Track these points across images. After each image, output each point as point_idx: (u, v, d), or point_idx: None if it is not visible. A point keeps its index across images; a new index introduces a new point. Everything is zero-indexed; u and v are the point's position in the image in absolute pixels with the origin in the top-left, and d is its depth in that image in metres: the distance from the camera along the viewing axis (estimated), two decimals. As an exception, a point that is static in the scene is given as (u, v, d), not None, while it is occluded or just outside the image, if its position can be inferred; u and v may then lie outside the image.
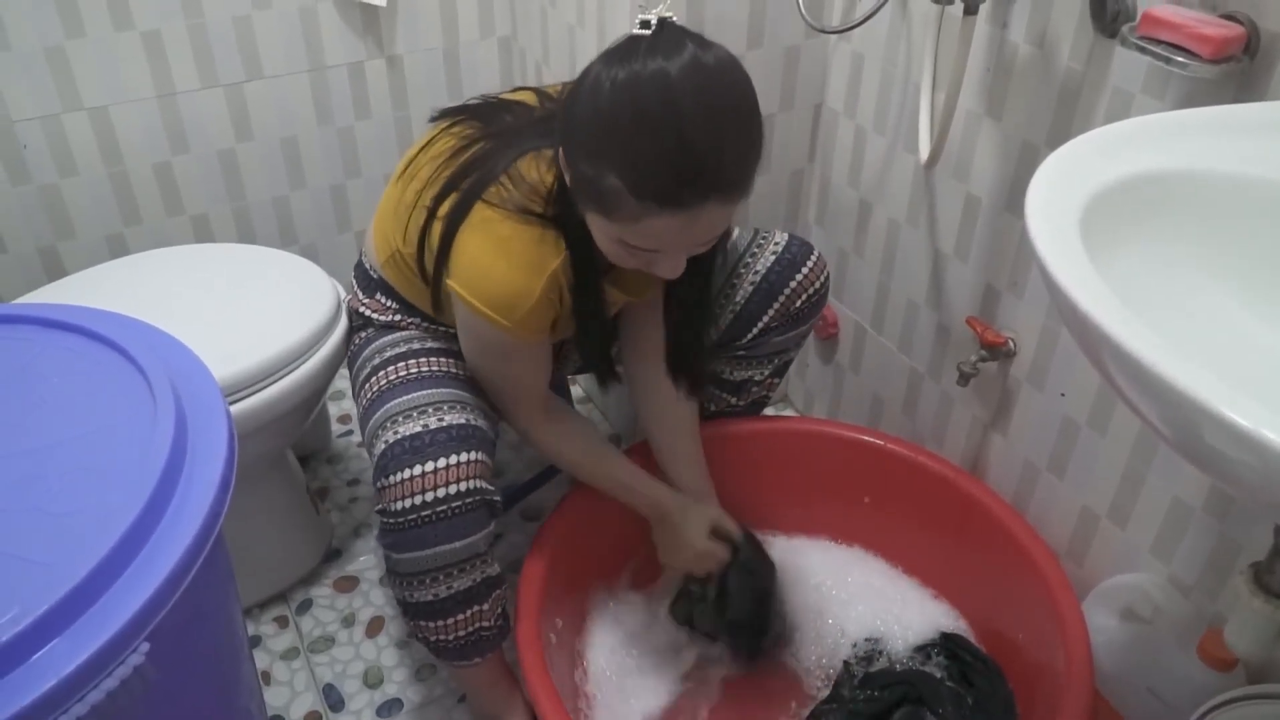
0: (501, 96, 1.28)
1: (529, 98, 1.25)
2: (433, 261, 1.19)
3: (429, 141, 1.24)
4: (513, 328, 1.14)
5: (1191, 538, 1.18)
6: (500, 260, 1.12)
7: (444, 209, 1.16)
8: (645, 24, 0.98)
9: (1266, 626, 0.92)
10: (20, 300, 1.47)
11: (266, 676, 1.49)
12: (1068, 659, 1.21)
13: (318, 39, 1.78)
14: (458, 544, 1.16)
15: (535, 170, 1.13)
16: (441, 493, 1.13)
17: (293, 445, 1.64)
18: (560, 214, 1.12)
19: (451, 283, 1.15)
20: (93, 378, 0.94)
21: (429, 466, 1.13)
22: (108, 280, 1.52)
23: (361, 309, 1.36)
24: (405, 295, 1.31)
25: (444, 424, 1.17)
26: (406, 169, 1.25)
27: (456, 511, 1.14)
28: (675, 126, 0.95)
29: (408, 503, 1.13)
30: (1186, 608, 1.20)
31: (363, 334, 1.35)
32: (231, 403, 1.31)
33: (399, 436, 1.16)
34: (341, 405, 1.99)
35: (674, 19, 0.99)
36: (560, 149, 1.05)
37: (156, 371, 0.91)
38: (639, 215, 0.99)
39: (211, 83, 1.74)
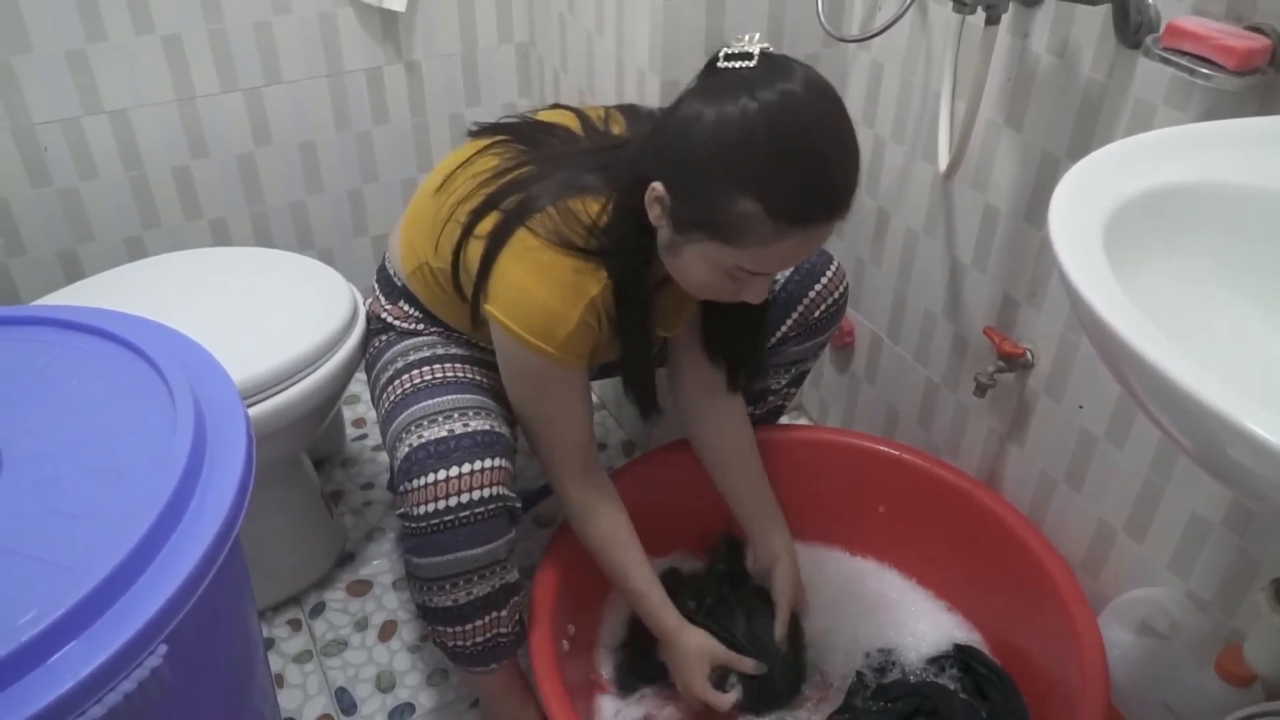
0: (541, 116, 1.28)
1: (570, 120, 1.25)
2: (471, 282, 1.18)
3: (469, 159, 1.23)
4: (552, 352, 1.14)
5: (1210, 553, 1.17)
6: (539, 286, 1.12)
7: (483, 227, 1.15)
8: (740, 55, 1.00)
9: (1287, 643, 0.91)
10: (39, 302, 1.48)
11: (280, 679, 1.49)
12: (1082, 673, 1.21)
13: (336, 44, 1.79)
14: (479, 550, 1.16)
15: (583, 207, 1.13)
16: (466, 498, 1.13)
17: (307, 449, 1.64)
18: (605, 248, 1.12)
19: (489, 308, 1.15)
20: (112, 380, 0.94)
21: (454, 471, 1.13)
22: (126, 283, 1.52)
23: (383, 314, 1.36)
24: (430, 306, 1.31)
25: (469, 429, 1.17)
26: (444, 183, 1.24)
27: (480, 517, 1.14)
28: (812, 149, 0.98)
29: (431, 507, 1.13)
30: (1204, 623, 1.19)
31: (382, 338, 1.36)
32: (250, 405, 1.32)
33: (423, 440, 1.16)
34: (356, 409, 1.99)
35: (769, 47, 1.01)
36: (654, 185, 1.04)
37: (175, 374, 0.91)
38: (772, 239, 1.01)
39: (231, 87, 1.75)
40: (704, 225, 1.03)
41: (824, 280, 1.40)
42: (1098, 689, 1.19)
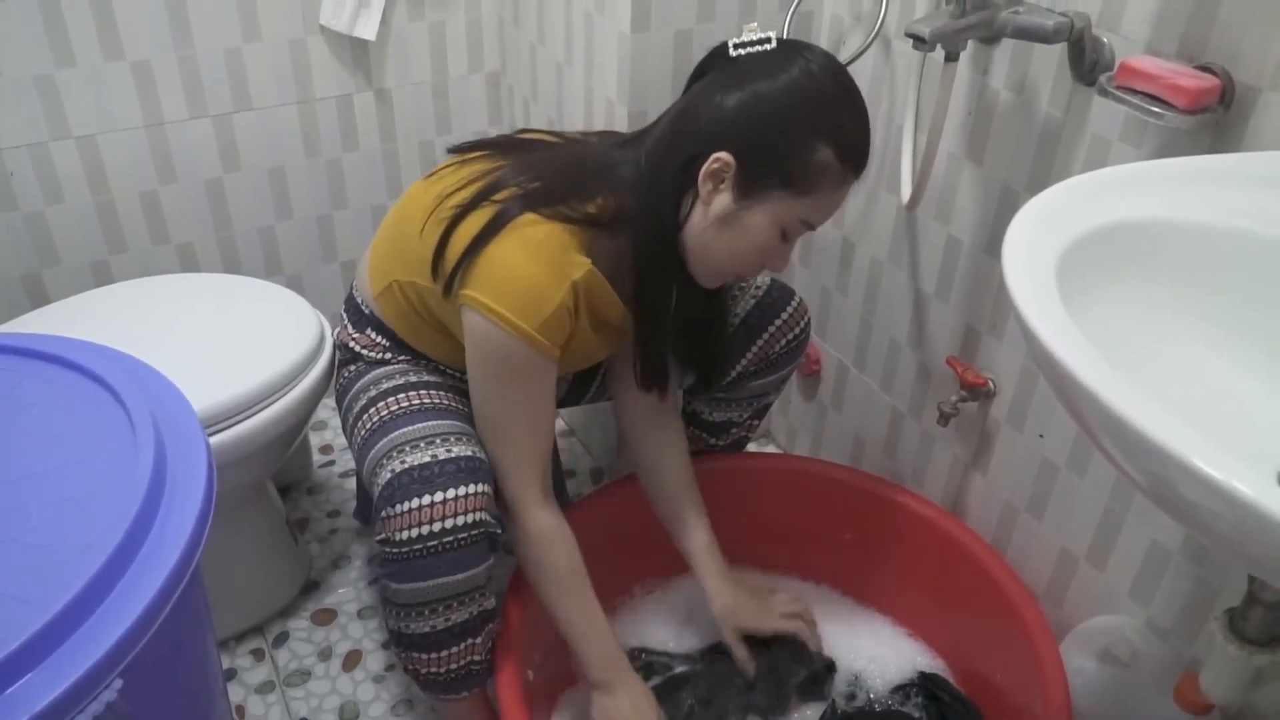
0: (521, 136, 1.29)
1: (548, 138, 1.27)
2: (446, 274, 1.14)
3: (449, 168, 1.23)
4: (531, 334, 1.11)
5: (1169, 581, 1.19)
6: (528, 261, 1.11)
7: (476, 217, 1.13)
8: (757, 40, 1.11)
9: (1241, 673, 0.92)
10: (3, 328, 1.47)
11: (241, 711, 1.48)
12: (1046, 700, 1.22)
13: (307, 71, 1.79)
14: (460, 576, 1.16)
15: (585, 192, 1.15)
16: (450, 524, 1.13)
17: (273, 475, 1.63)
18: (620, 222, 1.16)
19: (469, 292, 1.11)
20: (73, 409, 0.94)
21: (438, 497, 1.13)
22: (91, 308, 1.51)
23: (351, 343, 1.35)
24: (397, 330, 1.30)
25: (452, 454, 1.16)
26: (415, 197, 1.24)
27: (462, 543, 1.14)
28: (861, 102, 1.12)
29: (414, 533, 1.12)
30: (1164, 651, 1.20)
31: (351, 367, 1.35)
32: (213, 433, 1.31)
33: (406, 466, 1.15)
34: (323, 436, 1.98)
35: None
36: (718, 155, 1.09)
37: (137, 404, 0.91)
38: (836, 185, 1.12)
39: (200, 113, 1.74)
40: (782, 179, 1.10)
41: (785, 315, 1.41)
42: (1060, 717, 1.19)
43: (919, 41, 1.13)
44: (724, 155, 1.09)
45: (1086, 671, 1.25)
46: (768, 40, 1.11)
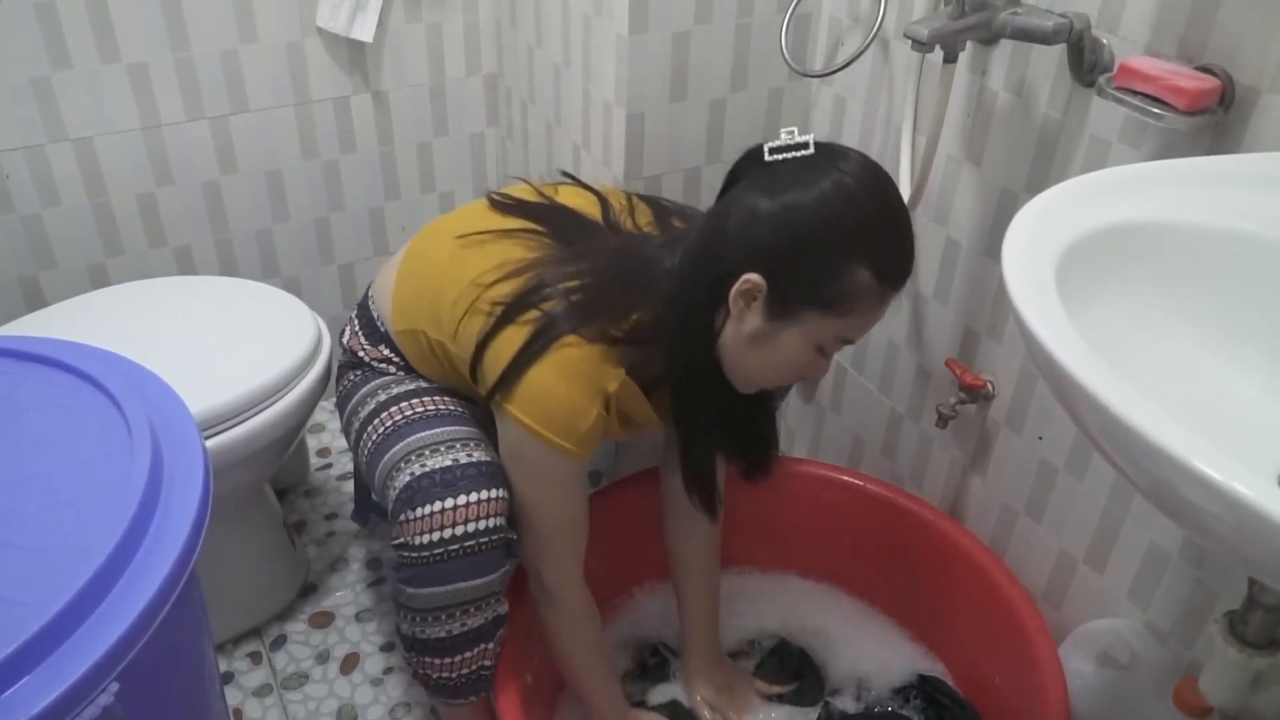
0: (562, 196, 1.27)
1: (592, 206, 1.25)
2: (488, 375, 1.14)
3: (489, 237, 1.20)
4: (570, 448, 1.12)
5: (1168, 584, 1.18)
6: (563, 383, 1.11)
7: (515, 332, 1.12)
8: (795, 145, 1.05)
9: (1241, 676, 0.92)
10: (-1, 330, 1.47)
11: (238, 714, 1.47)
12: (1044, 703, 1.21)
13: (304, 74, 1.79)
14: (477, 581, 1.15)
15: (622, 309, 1.13)
16: (471, 527, 1.12)
17: (270, 478, 1.63)
18: (654, 341, 1.14)
19: (510, 408, 1.12)
20: (70, 412, 0.94)
21: (460, 500, 1.13)
22: (88, 311, 1.51)
23: (361, 352, 1.33)
24: (413, 362, 1.30)
25: (474, 459, 1.16)
26: (457, 257, 1.21)
27: (482, 548, 1.14)
28: (902, 214, 1.07)
29: (434, 536, 1.12)
30: (1163, 654, 1.20)
31: (356, 373, 1.34)
32: (210, 436, 1.31)
33: (427, 469, 1.15)
34: (321, 439, 1.98)
35: (813, 135, 1.07)
36: (748, 277, 1.05)
37: (133, 407, 0.91)
38: (876, 304, 1.07)
39: (197, 115, 1.74)
40: (815, 301, 1.05)
41: None
42: (1059, 719, 1.19)
43: (917, 43, 1.13)
44: (754, 277, 1.05)
45: (1085, 674, 1.25)
46: (805, 146, 1.05)
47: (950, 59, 1.18)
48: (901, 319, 1.52)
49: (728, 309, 1.09)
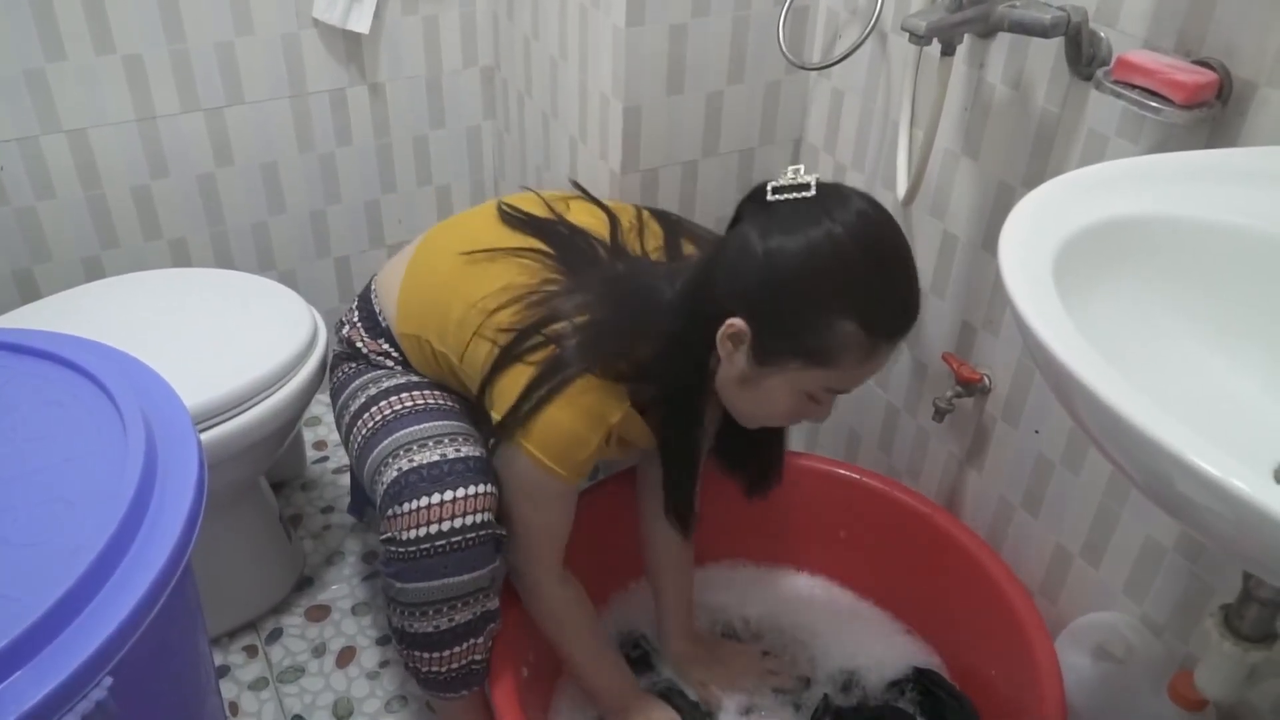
0: (573, 214, 1.27)
1: (601, 225, 1.24)
2: (497, 404, 1.15)
3: (498, 254, 1.20)
4: (565, 475, 1.14)
5: (1164, 578, 1.18)
6: (566, 415, 1.11)
7: (529, 371, 1.12)
8: (795, 186, 1.02)
9: (1236, 669, 0.92)
10: (-7, 323, 1.46)
11: (234, 707, 1.47)
12: (1040, 697, 1.21)
13: (300, 65, 1.78)
14: (466, 576, 1.15)
15: (627, 347, 1.13)
16: (458, 523, 1.13)
17: (266, 471, 1.62)
18: (652, 378, 1.14)
19: (520, 440, 1.13)
20: (64, 406, 0.93)
21: (447, 496, 1.13)
22: (83, 304, 1.51)
23: (359, 344, 1.33)
24: (412, 362, 1.30)
25: (461, 454, 1.16)
26: (466, 272, 1.21)
27: (470, 543, 1.14)
28: (899, 265, 1.04)
29: (421, 531, 1.12)
30: (1158, 648, 1.20)
31: (351, 364, 1.34)
32: (205, 429, 1.31)
33: (415, 464, 1.15)
34: (317, 431, 1.98)
35: (818, 176, 1.04)
36: (732, 322, 1.05)
37: (128, 400, 0.90)
38: (867, 356, 1.04)
39: (192, 107, 1.73)
40: (798, 352, 1.04)
41: None
42: (1055, 712, 1.19)
43: (915, 36, 1.12)
44: (738, 322, 1.04)
45: (1081, 668, 1.25)
46: (806, 187, 1.02)
47: (948, 52, 1.18)
48: (898, 313, 1.52)
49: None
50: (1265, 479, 0.55)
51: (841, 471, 1.54)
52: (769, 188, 1.04)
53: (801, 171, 1.03)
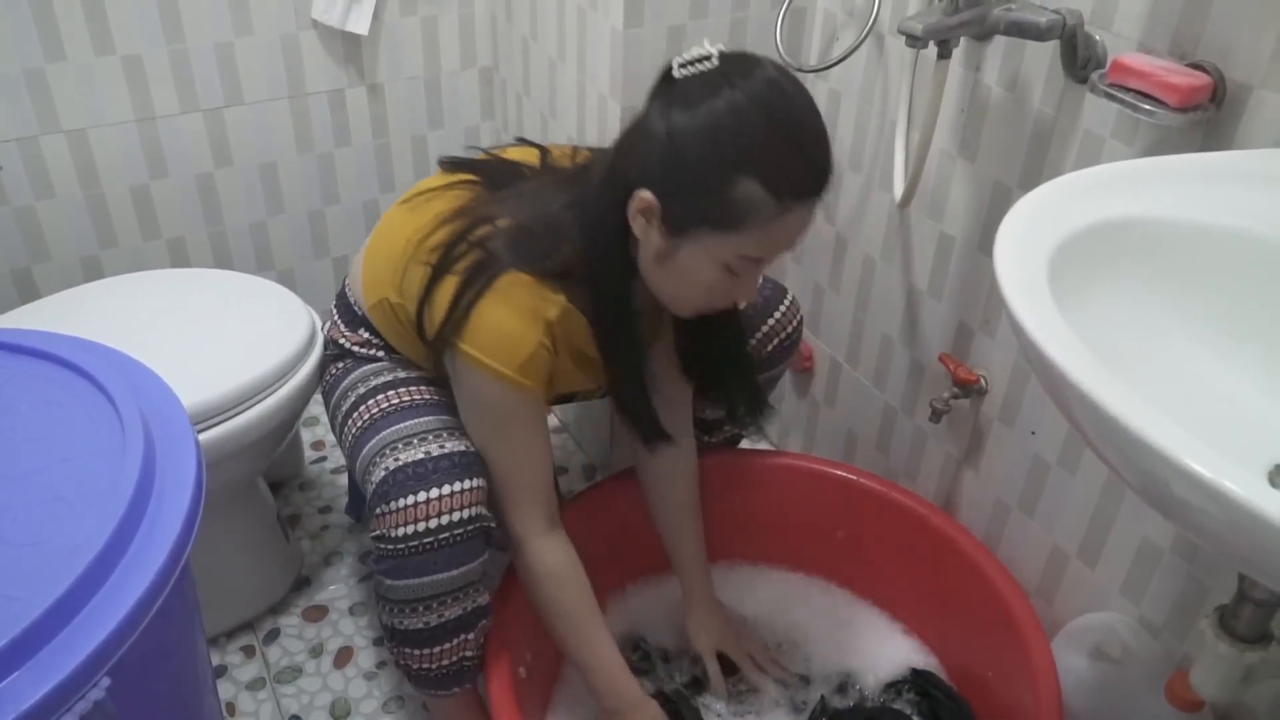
0: (509, 154, 1.27)
1: (529, 157, 1.25)
2: (435, 322, 1.15)
3: (433, 193, 1.22)
4: (511, 375, 1.12)
5: (1160, 578, 1.19)
6: (499, 310, 1.11)
7: (450, 278, 1.13)
8: (697, 59, 1.01)
9: (1232, 670, 0.92)
10: (-9, 323, 1.46)
11: (231, 708, 1.48)
12: (1037, 698, 1.22)
13: (299, 66, 1.78)
14: (455, 572, 1.16)
15: (551, 237, 1.12)
16: (446, 519, 1.13)
17: (264, 471, 1.63)
18: (579, 273, 1.13)
19: (458, 343, 1.12)
20: (62, 406, 0.93)
21: (433, 493, 1.13)
22: (81, 304, 1.51)
23: (342, 340, 1.34)
24: (389, 339, 1.30)
25: (445, 450, 1.16)
26: (407, 217, 1.23)
27: (458, 539, 1.14)
28: (805, 124, 1.02)
29: (409, 529, 1.12)
30: (1156, 648, 1.20)
31: (340, 364, 1.34)
32: (203, 429, 1.31)
33: (401, 463, 1.15)
34: (315, 432, 1.98)
35: (723, 47, 1.03)
36: (639, 194, 1.04)
37: (126, 401, 0.91)
38: (774, 217, 1.02)
39: (191, 108, 1.74)
40: (705, 217, 1.03)
41: (777, 315, 1.41)
42: (1051, 713, 1.19)
43: (912, 38, 1.13)
44: (645, 194, 1.04)
45: (1078, 669, 1.26)
46: (708, 58, 1.01)
47: (944, 54, 1.18)
48: (895, 314, 1.52)
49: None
50: (1259, 480, 0.55)
51: (839, 472, 1.54)
52: (675, 63, 1.03)
53: (707, 43, 1.02)
